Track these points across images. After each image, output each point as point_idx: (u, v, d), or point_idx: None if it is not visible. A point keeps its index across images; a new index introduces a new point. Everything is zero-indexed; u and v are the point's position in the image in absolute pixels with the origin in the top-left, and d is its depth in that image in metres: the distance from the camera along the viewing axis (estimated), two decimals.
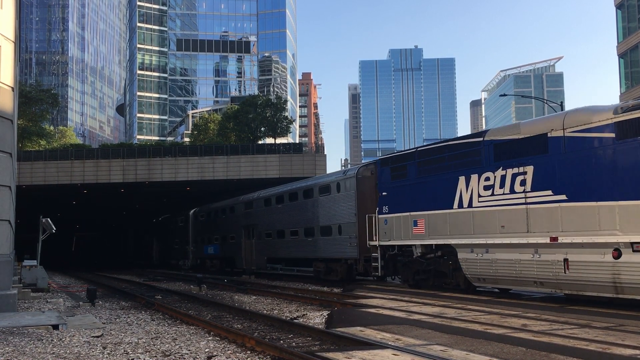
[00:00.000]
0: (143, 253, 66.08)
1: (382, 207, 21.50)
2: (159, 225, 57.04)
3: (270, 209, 32.43)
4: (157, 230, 57.71)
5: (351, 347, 9.95)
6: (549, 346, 9.60)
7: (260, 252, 33.18)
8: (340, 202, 25.10)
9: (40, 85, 72.11)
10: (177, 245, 48.78)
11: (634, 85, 49.15)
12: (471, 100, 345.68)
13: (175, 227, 49.49)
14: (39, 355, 10.11)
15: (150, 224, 62.52)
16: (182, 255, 47.13)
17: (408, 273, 20.88)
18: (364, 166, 25.00)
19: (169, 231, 51.80)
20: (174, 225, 50.03)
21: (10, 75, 17.65)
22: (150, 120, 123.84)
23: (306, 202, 28.46)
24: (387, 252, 21.51)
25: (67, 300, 21.98)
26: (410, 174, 20.27)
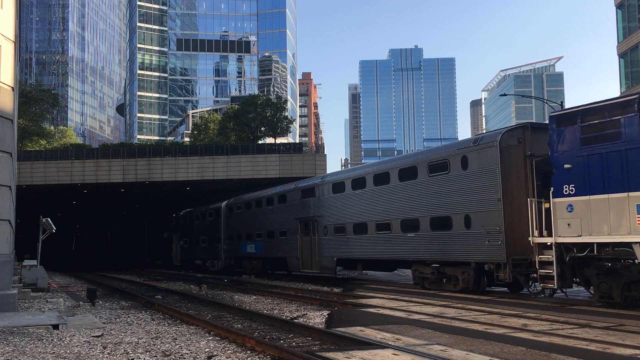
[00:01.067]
0: (159, 252, 59.79)
1: (562, 186, 14.84)
2: (180, 221, 49.47)
3: (343, 196, 25.72)
4: (179, 226, 49.89)
5: (351, 347, 9.95)
6: (549, 346, 9.60)
7: (327, 252, 26.65)
8: (468, 183, 18.61)
9: (40, 85, 72.09)
10: (205, 244, 42.57)
11: (634, 85, 49.16)
12: (471, 100, 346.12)
13: (203, 222, 43.24)
14: (39, 355, 10.11)
15: (168, 219, 55.35)
16: (212, 254, 41.10)
17: (613, 285, 14.23)
18: (508, 131, 17.96)
19: (194, 227, 45.30)
20: (201, 220, 43.82)
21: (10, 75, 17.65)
22: (150, 120, 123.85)
23: (404, 185, 21.62)
24: (568, 254, 14.99)
25: (67, 300, 21.98)
26: (630, 132, 13.50)
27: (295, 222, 29.32)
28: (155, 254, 60.06)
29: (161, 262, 57.58)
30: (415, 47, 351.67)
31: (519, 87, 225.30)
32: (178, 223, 49.92)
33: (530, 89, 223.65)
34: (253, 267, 34.81)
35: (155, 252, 59.99)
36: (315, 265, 27.55)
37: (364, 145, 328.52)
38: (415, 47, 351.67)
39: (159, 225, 59.01)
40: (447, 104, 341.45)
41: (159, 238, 58.15)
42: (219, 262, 39.31)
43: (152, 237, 62.26)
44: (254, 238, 34.33)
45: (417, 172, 20.96)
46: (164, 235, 55.05)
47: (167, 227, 53.74)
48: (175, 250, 50.00)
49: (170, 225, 52.19)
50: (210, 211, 41.88)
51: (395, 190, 22.07)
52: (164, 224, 56.01)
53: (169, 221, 52.75)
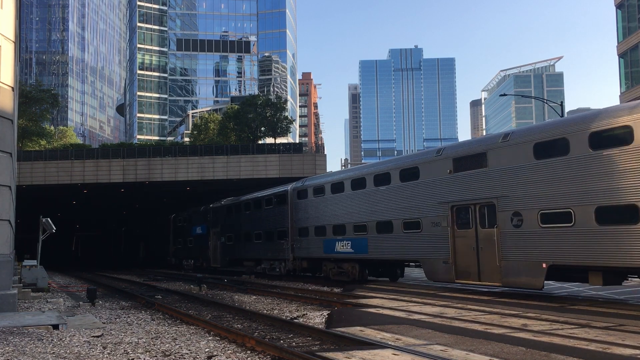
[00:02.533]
0: (190, 252, 47.10)
1: None
2: (221, 212, 40.11)
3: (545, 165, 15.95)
4: (219, 219, 40.36)
5: (351, 347, 9.95)
6: (549, 346, 9.60)
7: (527, 253, 16.41)
8: None
9: (40, 85, 72.08)
10: (260, 240, 33.29)
11: (634, 85, 49.16)
12: (471, 100, 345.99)
13: (257, 213, 34.26)
14: (39, 355, 10.11)
15: (202, 210, 44.51)
16: (271, 254, 31.93)
17: None
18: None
19: (243, 219, 36.04)
20: (253, 209, 34.80)
21: (10, 75, 17.65)
22: (150, 120, 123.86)
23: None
24: None
25: (67, 300, 21.98)
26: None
27: (442, 207, 19.52)
28: (183, 254, 48.33)
29: (192, 262, 46.09)
30: (415, 47, 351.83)
31: (519, 87, 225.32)
32: (218, 215, 40.51)
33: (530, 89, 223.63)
34: (343, 272, 25.55)
35: (183, 251, 48.25)
36: (489, 272, 17.57)
37: (364, 145, 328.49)
38: (415, 47, 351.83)
39: (189, 218, 47.09)
40: (447, 104, 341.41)
41: (190, 234, 46.44)
42: (284, 264, 30.38)
43: (180, 233, 49.20)
44: (349, 233, 24.93)
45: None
46: (197, 231, 44.52)
47: (202, 220, 43.68)
48: (214, 249, 40.70)
49: (206, 218, 42.62)
50: (270, 198, 32.80)
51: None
52: (197, 217, 45.14)
53: (204, 213, 43.20)
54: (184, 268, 46.97)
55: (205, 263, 42.56)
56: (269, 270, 32.10)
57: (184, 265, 47.65)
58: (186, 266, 46.90)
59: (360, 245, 24.26)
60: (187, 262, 46.97)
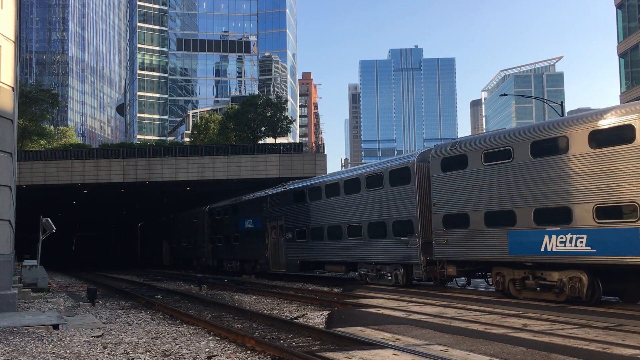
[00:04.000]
0: (228, 252, 38.71)
1: None
2: (281, 201, 31.23)
3: None
4: (278, 209, 31.47)
5: (351, 347, 9.95)
6: (549, 346, 9.60)
7: None
8: None
9: (40, 85, 72.10)
10: (356, 236, 24.33)
11: (634, 85, 49.17)
12: (471, 100, 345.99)
13: (351, 200, 24.85)
14: (39, 355, 10.11)
15: (248, 201, 36.01)
16: (385, 254, 22.75)
17: None
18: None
19: (322, 209, 27.00)
20: (347, 195, 25.23)
21: (10, 75, 17.65)
22: (150, 120, 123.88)
23: None
24: None
25: (67, 300, 21.99)
26: None
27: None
28: (225, 254, 39.09)
29: (238, 264, 37.10)
30: (416, 47, 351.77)
31: (519, 87, 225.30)
32: (280, 204, 31.50)
33: (530, 89, 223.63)
34: (552, 285, 16.00)
35: (225, 251, 38.94)
36: None
37: (364, 145, 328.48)
38: (416, 47, 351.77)
39: (234, 209, 37.87)
40: (447, 104, 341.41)
41: (235, 229, 37.16)
42: (405, 270, 21.84)
43: (220, 228, 39.95)
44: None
45: None
46: (246, 225, 35.30)
47: (254, 211, 34.57)
48: (274, 248, 31.60)
49: (260, 208, 33.67)
50: (379, 175, 23.15)
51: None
52: (246, 207, 35.98)
53: (258, 202, 34.11)
54: (227, 272, 37.91)
55: (261, 266, 33.27)
56: (374, 279, 23.27)
57: (226, 268, 38.54)
58: (229, 269, 37.90)
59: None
60: (230, 265, 38.03)
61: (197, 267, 43.52)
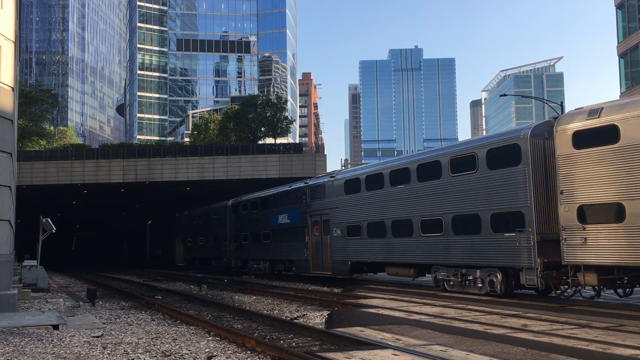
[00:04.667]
0: (255, 251, 33.95)
1: None
2: (332, 191, 26.03)
3: None
4: (326, 201, 26.44)
5: (351, 347, 9.95)
6: (549, 346, 9.60)
7: None
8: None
9: (40, 85, 72.08)
10: (442, 233, 19.49)
11: (634, 85, 49.18)
12: (471, 100, 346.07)
13: (432, 187, 19.99)
14: (39, 355, 10.11)
15: (284, 192, 31.14)
16: (498, 253, 17.36)
17: None
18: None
19: (396, 199, 21.74)
20: (426, 176, 20.37)
21: (10, 75, 17.65)
22: (150, 120, 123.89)
23: None
24: None
25: (67, 300, 21.98)
26: None
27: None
28: (252, 254, 34.32)
29: (268, 265, 32.65)
30: (415, 47, 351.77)
31: (519, 87, 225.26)
32: (321, 196, 26.78)
33: (530, 89, 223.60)
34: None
35: (253, 250, 34.15)
36: None
37: (364, 146, 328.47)
38: (415, 47, 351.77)
39: (265, 202, 32.95)
40: (447, 104, 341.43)
41: (266, 225, 32.32)
42: (527, 274, 16.20)
43: (247, 224, 35.01)
44: None
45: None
46: (280, 220, 30.61)
47: (292, 203, 29.65)
48: (317, 247, 26.87)
49: (301, 199, 28.60)
50: (462, 155, 18.85)
51: None
52: (281, 200, 31.10)
53: (297, 193, 29.14)
54: (254, 274, 33.74)
55: (298, 267, 28.76)
56: (457, 286, 18.92)
57: (252, 269, 34.14)
58: (256, 271, 33.59)
59: None
60: (258, 266, 33.55)
61: (217, 268, 39.84)
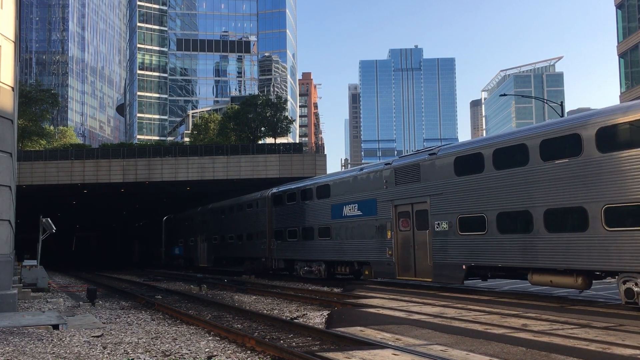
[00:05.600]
0: (306, 250, 28.53)
1: None
2: (419, 173, 21.02)
3: None
4: (416, 187, 21.14)
5: (351, 347, 9.94)
6: (549, 346, 9.60)
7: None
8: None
9: (40, 85, 72.08)
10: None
11: (634, 85, 49.17)
12: (471, 100, 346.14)
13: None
14: (39, 355, 10.11)
15: (352, 179, 25.21)
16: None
17: None
18: None
19: (535, 178, 16.17)
20: (595, 152, 14.43)
21: (10, 75, 17.65)
22: (150, 120, 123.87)
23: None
24: None
25: (67, 300, 21.98)
26: None
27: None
28: (301, 253, 28.92)
29: (323, 268, 26.95)
30: (415, 47, 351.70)
31: (519, 87, 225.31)
32: (413, 179, 21.30)
33: (530, 89, 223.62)
34: None
35: (303, 249, 28.88)
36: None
37: (364, 145, 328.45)
38: (415, 47, 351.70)
39: (322, 191, 27.34)
40: (447, 104, 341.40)
41: (323, 219, 26.89)
42: None
43: (293, 217, 29.68)
44: None
45: None
46: (348, 212, 24.99)
47: (364, 189, 24.07)
48: (405, 245, 21.63)
49: (378, 188, 23.08)
50: None
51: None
52: (347, 186, 25.27)
53: (369, 181, 23.75)
54: (301, 276, 28.44)
55: (376, 271, 22.94)
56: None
57: (298, 271, 28.65)
58: (306, 274, 28.03)
59: None
60: (309, 268, 27.90)
61: (251, 270, 34.73)
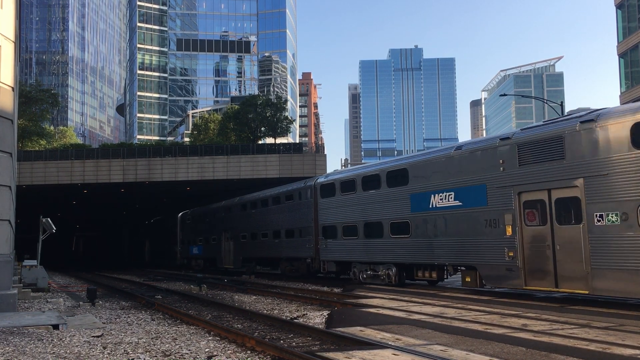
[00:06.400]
0: (372, 250, 23.41)
1: None
2: (563, 148, 15.07)
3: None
4: (556, 166, 15.31)
5: (351, 347, 9.94)
6: (549, 346, 9.60)
7: None
8: None
9: (40, 85, 72.09)
10: None
11: (634, 85, 49.17)
12: (471, 100, 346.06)
13: None
14: (39, 355, 10.11)
15: (443, 158, 19.70)
16: None
17: None
18: None
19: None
20: None
21: (10, 75, 17.65)
22: (150, 120, 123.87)
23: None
24: None
25: (67, 300, 21.98)
26: None
27: None
28: (367, 252, 23.85)
29: (394, 271, 22.35)
30: (415, 47, 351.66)
31: (519, 87, 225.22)
32: (551, 155, 15.59)
33: (530, 89, 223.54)
34: None
35: (368, 249, 23.81)
36: None
37: (364, 145, 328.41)
38: (415, 47, 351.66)
39: (396, 178, 22.17)
40: (447, 104, 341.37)
41: (402, 211, 21.68)
42: None
43: (345, 211, 25.20)
44: None
45: None
46: (433, 204, 20.07)
47: (460, 178, 18.97)
48: (535, 245, 16.08)
49: (492, 169, 17.65)
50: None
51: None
52: (440, 171, 19.88)
53: (475, 160, 18.45)
54: (360, 281, 23.80)
55: (490, 277, 17.79)
56: None
57: (357, 275, 23.96)
58: (369, 280, 23.30)
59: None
60: (374, 272, 23.16)
61: (293, 273, 30.08)
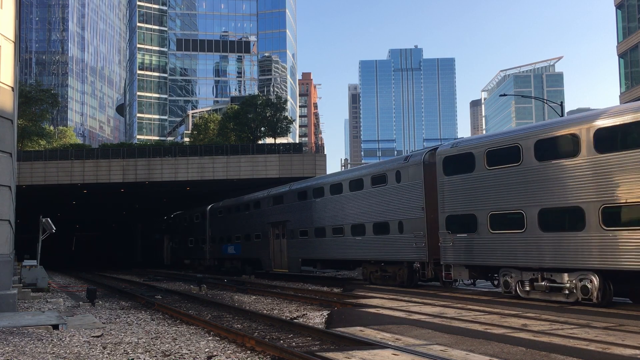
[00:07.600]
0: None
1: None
2: None
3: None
4: None
5: (351, 347, 9.95)
6: (549, 346, 9.60)
7: None
8: None
9: (40, 85, 71.97)
10: None
11: (634, 85, 49.15)
12: (471, 100, 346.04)
13: None
14: (39, 355, 10.11)
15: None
16: None
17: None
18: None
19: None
20: None
21: (10, 75, 17.65)
22: (150, 120, 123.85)
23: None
24: None
25: (67, 300, 21.98)
26: None
27: None
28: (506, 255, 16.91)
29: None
30: (415, 47, 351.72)
31: (519, 87, 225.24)
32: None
33: (530, 89, 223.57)
34: None
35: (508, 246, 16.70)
36: None
37: (364, 145, 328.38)
38: (415, 47, 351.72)
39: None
40: (447, 104, 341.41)
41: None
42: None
43: (461, 198, 18.52)
44: None
45: None
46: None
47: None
48: None
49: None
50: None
51: None
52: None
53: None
54: (525, 298, 16.31)
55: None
56: None
57: (511, 286, 16.67)
58: (535, 292, 15.98)
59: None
60: (550, 283, 15.52)
61: (383, 280, 23.11)
